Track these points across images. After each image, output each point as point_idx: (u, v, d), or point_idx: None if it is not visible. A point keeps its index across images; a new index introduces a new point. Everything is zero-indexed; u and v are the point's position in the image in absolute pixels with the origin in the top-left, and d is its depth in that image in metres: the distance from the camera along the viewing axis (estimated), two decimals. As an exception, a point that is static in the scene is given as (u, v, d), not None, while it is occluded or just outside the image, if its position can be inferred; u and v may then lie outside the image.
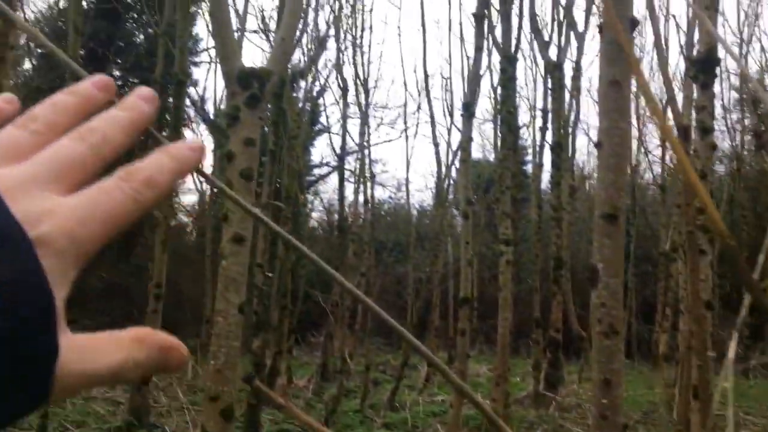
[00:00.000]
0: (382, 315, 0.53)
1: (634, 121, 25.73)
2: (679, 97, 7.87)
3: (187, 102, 16.12)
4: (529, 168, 19.67)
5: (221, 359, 4.41)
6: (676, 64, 12.90)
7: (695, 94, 5.68)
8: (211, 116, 18.76)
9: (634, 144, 15.96)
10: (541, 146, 13.49)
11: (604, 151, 3.03)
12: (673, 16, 13.90)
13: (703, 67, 5.30)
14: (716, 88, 5.49)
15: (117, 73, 16.18)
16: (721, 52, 5.33)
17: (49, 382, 0.33)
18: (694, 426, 4.80)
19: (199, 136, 20.12)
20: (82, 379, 0.35)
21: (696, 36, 9.50)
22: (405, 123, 16.68)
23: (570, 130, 13.84)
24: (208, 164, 19.54)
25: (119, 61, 15.71)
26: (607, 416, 2.93)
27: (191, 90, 17.68)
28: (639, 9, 15.74)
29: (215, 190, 14.58)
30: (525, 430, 9.82)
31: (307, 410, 10.17)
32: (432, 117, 13.47)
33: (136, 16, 16.00)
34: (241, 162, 4.60)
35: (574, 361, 15.40)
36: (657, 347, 13.89)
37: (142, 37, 16.43)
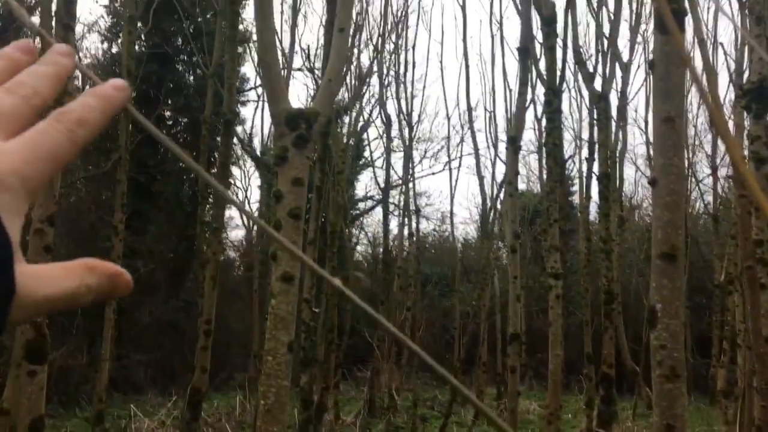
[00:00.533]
0: (420, 353, 0.51)
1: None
2: (730, 126, 7.69)
3: (235, 140, 16.46)
4: (575, 199, 19.38)
5: (271, 399, 4.42)
6: (725, 95, 12.53)
7: (747, 123, 5.54)
8: (258, 153, 19.12)
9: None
10: (588, 177, 13.31)
11: (660, 189, 2.96)
12: (721, 44, 13.59)
13: (756, 96, 5.19)
14: (769, 117, 5.35)
15: (168, 113, 16.65)
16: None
17: (6, 311, 0.37)
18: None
19: (247, 173, 20.45)
20: (40, 302, 0.40)
21: (745, 64, 9.30)
22: (449, 155, 16.69)
23: (617, 160, 13.63)
24: (254, 201, 19.84)
25: (170, 102, 16.19)
26: (671, 462, 2.82)
27: (239, 128, 18.07)
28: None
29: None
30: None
31: (354, 447, 10.07)
32: (476, 149, 13.45)
33: (185, 58, 16.51)
34: (290, 201, 4.65)
35: (627, 397, 14.93)
36: (714, 382, 13.37)
37: (191, 78, 16.91)
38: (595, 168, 12.58)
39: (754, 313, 4.93)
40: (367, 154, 19.89)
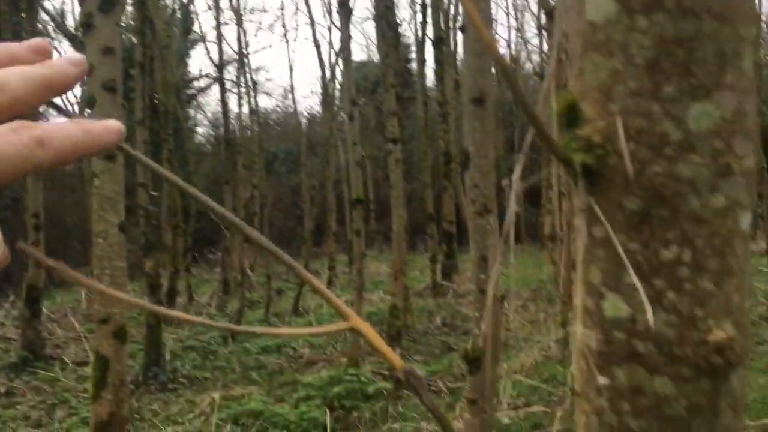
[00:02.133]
0: (258, 239, 0.51)
1: (511, 10, 25.89)
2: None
3: (46, 17, 14.72)
4: (414, 66, 19.62)
5: (106, 281, 4.29)
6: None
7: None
8: (74, 31, 17.30)
9: (513, 34, 16.13)
10: (423, 42, 13.43)
11: (469, 35, 3.06)
12: None
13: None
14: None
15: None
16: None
17: None
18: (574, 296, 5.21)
19: (62, 54, 18.52)
20: None
21: None
22: (284, 26, 16.08)
23: (451, 24, 13.81)
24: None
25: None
26: (485, 291, 3.12)
27: (48, 4, 16.12)
28: None
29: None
30: (426, 318, 10.31)
31: (211, 325, 10.17)
32: (311, 18, 13.03)
33: None
34: (102, 73, 4.31)
35: (467, 250, 16.12)
36: (542, 229, 14.74)
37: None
38: (430, 32, 12.70)
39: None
40: (197, 28, 18.67)
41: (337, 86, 13.59)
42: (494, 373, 3.09)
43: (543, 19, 14.55)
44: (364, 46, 21.69)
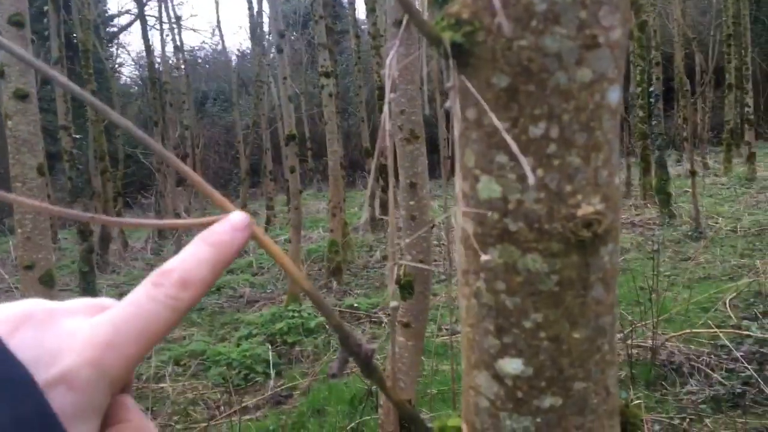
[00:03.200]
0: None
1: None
2: None
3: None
4: (346, -2, 19.11)
5: (28, 226, 4.13)
6: None
7: None
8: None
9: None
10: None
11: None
12: None
13: None
14: None
15: None
16: None
17: None
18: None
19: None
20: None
21: None
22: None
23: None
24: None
25: None
26: (415, 217, 3.14)
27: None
28: None
29: None
30: (365, 253, 10.40)
31: (148, 270, 10.02)
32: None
33: None
34: (7, 7, 4.03)
35: (406, 184, 16.19)
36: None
37: None
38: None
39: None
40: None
41: (266, 20, 13.14)
42: (426, 297, 3.15)
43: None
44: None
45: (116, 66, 18.04)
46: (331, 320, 0.63)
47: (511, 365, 0.59)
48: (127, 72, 20.67)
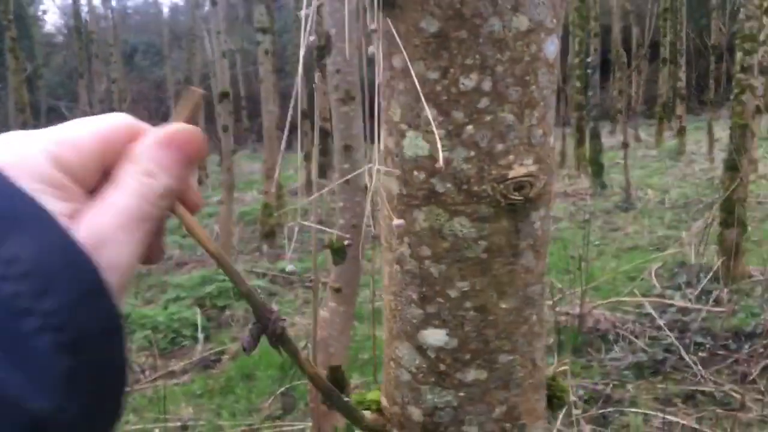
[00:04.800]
0: None
1: None
2: None
3: None
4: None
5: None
6: None
7: None
8: None
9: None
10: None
11: None
12: None
13: None
14: None
15: None
16: None
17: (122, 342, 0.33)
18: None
19: None
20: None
21: None
22: None
23: None
24: None
25: None
26: (350, 180, 3.08)
27: None
28: None
29: None
30: (301, 216, 10.28)
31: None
32: None
33: None
34: None
35: (344, 148, 16.05)
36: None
37: None
38: None
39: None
40: None
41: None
42: (358, 262, 3.11)
43: None
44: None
45: (39, 13, 17.04)
46: (240, 287, 0.58)
47: (435, 336, 0.55)
48: (51, 20, 19.56)
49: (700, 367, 3.92)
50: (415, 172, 0.53)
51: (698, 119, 17.70)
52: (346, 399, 0.60)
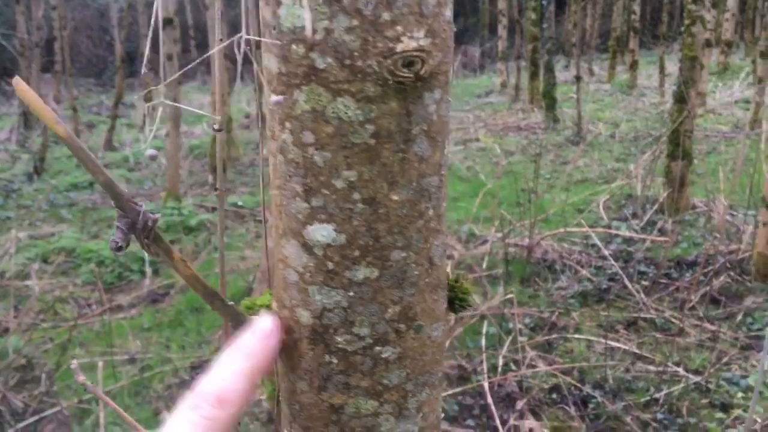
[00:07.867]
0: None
1: None
2: None
3: None
4: None
5: None
6: None
7: None
8: None
9: None
10: None
11: None
12: None
13: None
14: None
15: None
16: None
17: None
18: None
19: None
20: None
21: None
22: None
23: None
24: None
25: None
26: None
27: None
28: None
29: None
30: (252, 150, 10.11)
31: (12, 161, 9.29)
32: None
33: None
34: None
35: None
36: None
37: None
38: None
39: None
40: None
41: None
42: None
43: None
44: None
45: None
46: (97, 177, 0.52)
47: (321, 232, 0.50)
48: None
49: (642, 295, 4.04)
50: (294, 46, 0.47)
51: (651, 53, 17.80)
52: (229, 303, 0.55)
